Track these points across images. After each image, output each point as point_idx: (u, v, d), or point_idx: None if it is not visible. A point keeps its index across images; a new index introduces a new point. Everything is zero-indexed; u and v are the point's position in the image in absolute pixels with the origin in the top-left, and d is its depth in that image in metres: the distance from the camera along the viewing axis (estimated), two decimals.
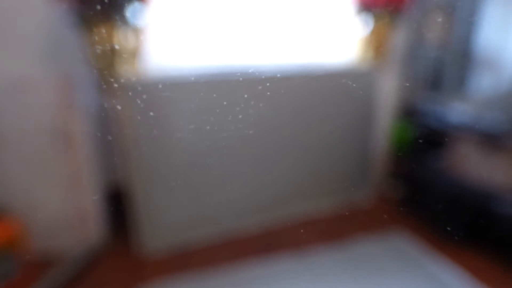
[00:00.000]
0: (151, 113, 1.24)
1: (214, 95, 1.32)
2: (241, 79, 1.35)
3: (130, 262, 1.30)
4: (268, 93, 1.40)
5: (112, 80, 1.24)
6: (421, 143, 1.73)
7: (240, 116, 1.39)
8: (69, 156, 1.32)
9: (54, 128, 1.29)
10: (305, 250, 1.33)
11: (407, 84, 2.07)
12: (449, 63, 1.99)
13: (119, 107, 1.21)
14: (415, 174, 1.51)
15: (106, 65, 1.22)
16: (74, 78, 1.29)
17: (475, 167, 1.42)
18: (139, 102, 1.22)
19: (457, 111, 1.43)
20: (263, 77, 1.38)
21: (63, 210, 1.34)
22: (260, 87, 1.38)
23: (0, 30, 1.28)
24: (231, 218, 1.48)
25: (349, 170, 1.70)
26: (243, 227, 1.50)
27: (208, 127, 1.34)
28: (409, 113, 2.18)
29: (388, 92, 1.69)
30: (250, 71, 1.38)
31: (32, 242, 1.33)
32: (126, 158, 1.27)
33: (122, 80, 1.18)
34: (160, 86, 1.24)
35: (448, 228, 1.37)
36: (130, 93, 1.20)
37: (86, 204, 1.36)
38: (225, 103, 1.34)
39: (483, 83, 1.84)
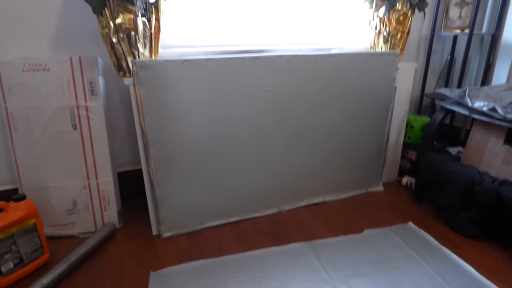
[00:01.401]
0: (166, 95, 1.22)
1: (230, 78, 1.30)
2: (257, 61, 1.31)
3: (143, 247, 1.31)
4: (285, 77, 1.38)
5: (127, 61, 1.22)
6: (438, 134, 1.69)
7: (255, 102, 1.36)
8: (85, 138, 1.31)
9: (70, 109, 1.28)
10: (317, 239, 1.32)
11: (426, 73, 2.02)
12: (471, 49, 1.93)
13: (133, 89, 1.19)
14: (430, 165, 1.48)
15: (120, 47, 1.20)
16: (90, 60, 1.27)
17: (493, 159, 1.39)
18: (153, 83, 1.20)
19: (477, 101, 1.38)
20: (280, 60, 1.35)
21: (79, 191, 1.35)
22: (277, 72, 1.35)
23: (17, 12, 1.27)
24: (244, 206, 1.47)
25: (364, 160, 1.67)
26: (256, 216, 1.50)
27: (223, 111, 1.32)
28: (426, 103, 2.14)
29: (406, 80, 1.64)
30: (266, 54, 1.34)
31: (51, 223, 1.35)
32: (141, 140, 1.26)
33: (136, 61, 1.15)
34: (174, 67, 1.21)
35: (462, 221, 1.35)
36: (144, 75, 1.17)
37: (102, 185, 1.36)
38: (241, 86, 1.32)
39: (506, 72, 1.79)
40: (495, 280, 1.10)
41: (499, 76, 1.83)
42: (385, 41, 1.61)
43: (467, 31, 1.80)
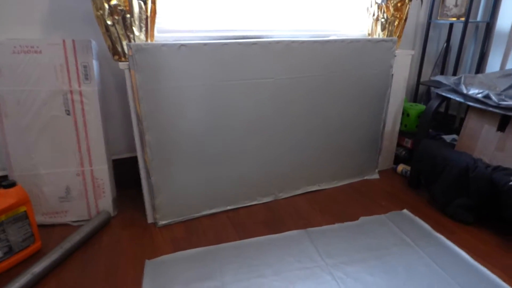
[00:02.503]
0: (162, 80, 1.20)
1: (228, 63, 1.27)
2: (254, 46, 1.29)
3: (138, 235, 1.29)
4: (283, 64, 1.36)
5: (122, 45, 1.19)
6: (433, 122, 1.70)
7: (253, 89, 1.34)
8: (79, 123, 1.28)
9: (63, 94, 1.24)
10: (313, 227, 1.33)
11: (422, 61, 2.02)
12: (467, 37, 1.93)
13: (129, 73, 1.16)
14: (426, 152, 1.49)
15: (115, 30, 1.16)
16: (83, 43, 1.23)
17: (486, 145, 1.40)
18: (149, 68, 1.17)
19: (472, 88, 1.39)
20: (278, 46, 1.33)
21: (72, 178, 1.32)
22: (274, 58, 1.33)
23: None
24: (241, 194, 1.47)
25: (360, 148, 1.67)
26: (253, 204, 1.50)
27: (220, 97, 1.30)
28: (422, 92, 2.14)
29: (403, 68, 1.64)
30: (264, 38, 1.32)
31: (44, 211, 1.32)
32: (136, 127, 1.24)
33: (132, 45, 1.12)
34: (171, 51, 1.18)
35: (456, 207, 1.37)
36: (140, 59, 1.14)
37: (97, 173, 1.34)
38: (238, 72, 1.30)
39: (500, 60, 1.80)
40: (488, 265, 1.12)
41: (493, 64, 1.84)
42: (383, 28, 1.60)
43: (462, 19, 1.80)
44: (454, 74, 1.88)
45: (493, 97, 1.31)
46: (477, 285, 1.04)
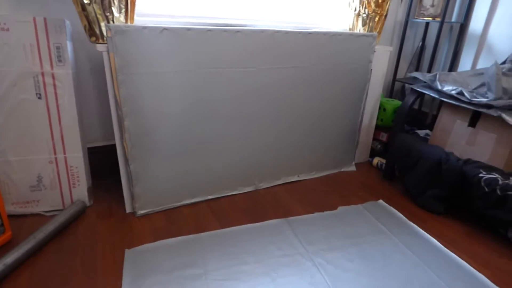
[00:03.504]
0: (143, 64, 1.16)
1: (211, 50, 1.25)
2: (238, 34, 1.28)
3: (116, 225, 1.26)
4: (266, 54, 1.35)
5: (100, 26, 1.14)
6: (408, 116, 1.76)
7: (235, 78, 1.33)
8: (51, 108, 1.21)
9: (34, 76, 1.17)
10: (293, 216, 1.34)
11: (399, 58, 2.08)
12: (441, 37, 2.01)
13: (107, 56, 1.11)
14: (401, 145, 1.55)
15: (93, 9, 1.11)
16: (56, 22, 1.16)
17: (458, 140, 1.48)
18: (129, 51, 1.12)
19: (446, 85, 1.45)
20: (262, 35, 1.32)
21: (44, 166, 1.25)
22: (258, 47, 1.33)
23: None
24: (222, 184, 1.46)
25: (338, 141, 1.71)
26: (234, 193, 1.49)
27: (202, 85, 1.28)
28: (397, 88, 2.21)
29: (381, 63, 1.68)
30: (245, 28, 1.30)
31: (14, 200, 1.25)
32: (115, 112, 1.19)
33: (111, 26, 1.07)
34: (152, 35, 1.14)
35: (428, 198, 1.43)
36: (119, 41, 1.10)
37: (71, 161, 1.28)
38: (221, 60, 1.28)
39: (471, 59, 1.89)
40: (458, 252, 1.19)
41: (465, 63, 1.93)
42: (364, 24, 1.63)
43: (438, 19, 1.87)
44: (429, 71, 1.96)
45: (466, 94, 1.37)
46: (447, 270, 1.10)
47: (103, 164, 1.47)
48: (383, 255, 1.16)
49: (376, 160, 1.82)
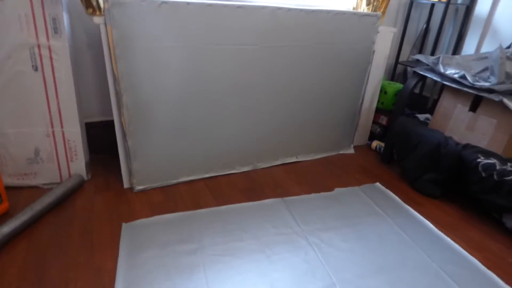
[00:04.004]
0: (141, 39, 1.13)
1: (210, 26, 1.23)
2: (239, 10, 1.25)
3: (114, 199, 1.26)
4: (267, 31, 1.33)
5: None
6: (409, 99, 1.75)
7: (235, 55, 1.31)
8: (48, 80, 1.20)
9: (30, 47, 1.15)
10: (290, 196, 1.35)
11: (402, 40, 2.05)
12: (446, 19, 1.96)
13: (105, 29, 1.09)
14: (401, 128, 1.54)
15: None
16: None
17: (458, 124, 1.47)
18: (127, 24, 1.10)
19: (449, 68, 1.43)
20: (264, 11, 1.29)
21: (42, 139, 1.25)
22: (259, 24, 1.30)
23: None
24: (220, 162, 1.46)
25: (338, 123, 1.70)
26: (231, 172, 1.49)
27: (201, 61, 1.26)
28: (399, 72, 2.18)
29: (384, 45, 1.65)
30: (246, 3, 1.27)
31: (11, 172, 1.25)
32: (113, 87, 1.17)
33: None
34: (150, 8, 1.11)
35: (424, 182, 1.44)
36: (117, 13, 1.07)
37: (68, 135, 1.27)
38: (221, 37, 1.26)
39: (476, 43, 1.86)
40: (452, 235, 1.20)
41: (469, 46, 1.90)
42: (368, 3, 1.59)
43: (444, 0, 1.82)
44: (432, 54, 1.92)
45: (469, 78, 1.35)
46: (441, 253, 1.11)
47: (101, 139, 1.47)
48: (377, 236, 1.17)
49: (375, 144, 1.82)
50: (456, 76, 1.40)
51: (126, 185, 1.32)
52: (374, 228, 1.21)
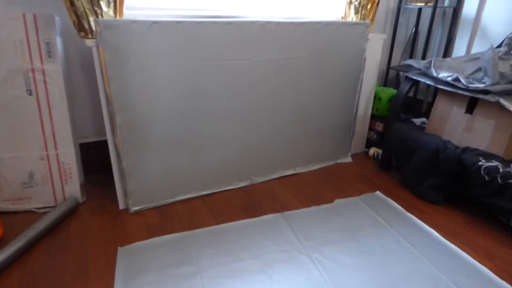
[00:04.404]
0: (133, 59, 1.13)
1: (202, 43, 1.23)
2: (229, 26, 1.25)
3: (109, 221, 1.24)
4: (258, 46, 1.33)
5: (88, 20, 1.11)
6: (403, 104, 1.74)
7: (227, 71, 1.31)
8: (42, 104, 1.19)
9: (24, 72, 1.15)
10: (289, 210, 1.33)
11: (392, 45, 2.06)
12: (435, 23, 1.97)
13: (97, 51, 1.09)
14: (397, 134, 1.53)
15: (81, 4, 1.08)
16: (46, 18, 1.14)
17: (455, 127, 1.46)
18: (119, 46, 1.10)
19: (441, 71, 1.43)
20: (254, 26, 1.30)
21: (36, 163, 1.24)
22: (249, 39, 1.30)
23: None
24: (216, 179, 1.44)
25: (334, 132, 1.69)
26: (229, 188, 1.47)
27: (193, 79, 1.25)
28: (391, 77, 2.19)
29: (375, 52, 1.66)
30: (236, 19, 1.28)
31: (5, 197, 1.24)
32: (106, 108, 1.17)
33: (100, 21, 1.05)
34: (142, 28, 1.12)
35: (426, 188, 1.41)
36: (109, 36, 1.07)
37: (62, 157, 1.26)
38: (212, 53, 1.26)
39: (465, 44, 1.86)
40: (458, 243, 1.16)
41: (459, 48, 1.90)
42: (356, 12, 1.60)
43: (431, 4, 1.84)
44: (423, 58, 1.93)
45: (462, 80, 1.35)
46: (449, 264, 1.07)
47: (95, 160, 1.46)
48: (381, 248, 1.13)
49: (372, 151, 1.80)
50: (449, 79, 1.39)
51: (121, 206, 1.30)
52: (377, 239, 1.18)
